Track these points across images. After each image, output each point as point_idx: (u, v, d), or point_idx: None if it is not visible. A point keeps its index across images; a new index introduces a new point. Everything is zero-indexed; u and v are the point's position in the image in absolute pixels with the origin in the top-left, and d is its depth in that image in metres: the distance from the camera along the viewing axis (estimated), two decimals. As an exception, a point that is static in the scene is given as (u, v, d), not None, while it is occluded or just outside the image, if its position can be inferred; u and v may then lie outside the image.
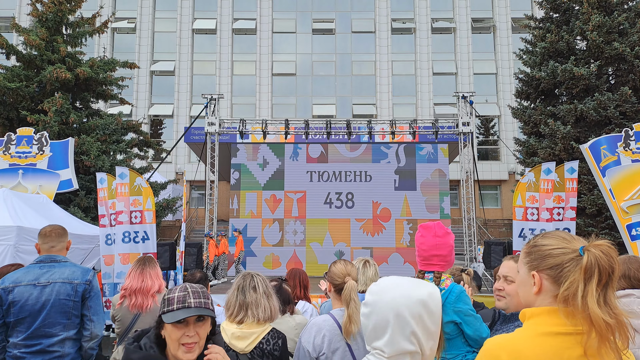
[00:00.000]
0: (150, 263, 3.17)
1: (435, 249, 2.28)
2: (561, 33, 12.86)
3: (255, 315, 2.09)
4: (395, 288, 1.27)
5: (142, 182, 5.33)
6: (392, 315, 1.21)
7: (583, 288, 1.06)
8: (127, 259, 5.19)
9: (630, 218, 6.54)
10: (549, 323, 1.09)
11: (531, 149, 13.19)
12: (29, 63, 11.92)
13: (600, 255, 1.08)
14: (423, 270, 2.33)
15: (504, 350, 1.08)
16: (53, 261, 2.71)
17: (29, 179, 7.16)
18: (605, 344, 1.02)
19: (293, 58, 24.85)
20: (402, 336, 1.20)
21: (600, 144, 7.11)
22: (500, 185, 23.42)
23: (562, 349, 1.05)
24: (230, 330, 2.08)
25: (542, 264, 1.15)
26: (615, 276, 1.08)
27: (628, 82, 12.07)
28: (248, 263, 11.80)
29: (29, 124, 10.68)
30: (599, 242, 1.11)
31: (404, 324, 1.20)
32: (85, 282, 2.66)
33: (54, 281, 2.61)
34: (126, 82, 13.57)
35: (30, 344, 2.53)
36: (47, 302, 2.57)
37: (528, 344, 1.08)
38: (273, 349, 2.07)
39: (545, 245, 1.17)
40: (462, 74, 24.17)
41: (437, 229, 2.31)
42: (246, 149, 12.49)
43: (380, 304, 1.24)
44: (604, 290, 1.06)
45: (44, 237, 2.79)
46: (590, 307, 1.04)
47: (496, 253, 8.22)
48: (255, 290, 2.14)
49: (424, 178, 12.32)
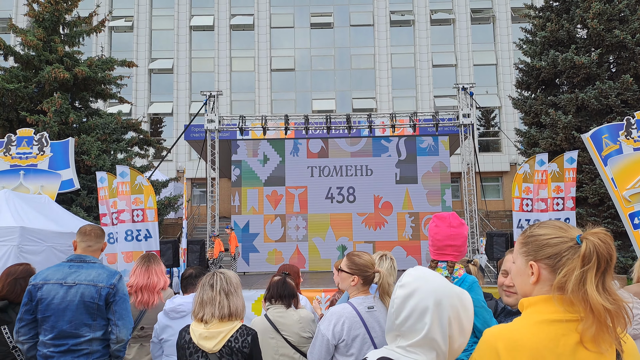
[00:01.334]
0: (155, 260, 3.19)
1: (450, 239, 2.29)
2: (561, 22, 12.76)
3: (211, 312, 2.10)
4: (436, 277, 1.26)
5: (142, 181, 5.33)
6: (433, 301, 1.19)
7: (581, 275, 1.06)
8: (130, 257, 5.21)
9: (633, 207, 6.51)
10: (545, 311, 1.10)
11: (532, 139, 13.14)
12: (27, 64, 11.90)
13: (599, 242, 1.08)
14: (436, 260, 2.33)
15: (501, 340, 1.09)
16: (82, 261, 2.72)
17: (31, 180, 7.16)
18: (603, 329, 1.03)
19: (292, 53, 24.75)
20: (439, 326, 1.18)
21: (601, 132, 7.07)
22: (502, 176, 23.37)
23: (558, 336, 1.06)
24: (197, 330, 2.10)
25: (540, 253, 1.16)
26: (612, 263, 1.08)
27: (629, 70, 11.99)
28: (251, 259, 11.83)
29: (29, 124, 10.69)
30: (596, 230, 1.12)
31: (443, 313, 1.19)
32: (110, 286, 2.66)
33: (80, 282, 2.62)
34: (125, 80, 13.54)
35: (57, 344, 2.56)
36: (71, 303, 2.58)
37: (524, 332, 1.09)
38: (242, 347, 2.08)
39: (542, 235, 1.17)
40: (462, 66, 24.04)
41: (452, 219, 2.32)
42: (246, 146, 12.48)
43: (423, 288, 1.21)
44: (602, 277, 1.07)
45: (83, 236, 2.80)
46: (590, 293, 1.04)
47: (498, 244, 8.23)
48: (212, 288, 2.15)
49: (425, 171, 12.30)
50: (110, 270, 2.78)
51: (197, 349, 2.07)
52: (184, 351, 2.12)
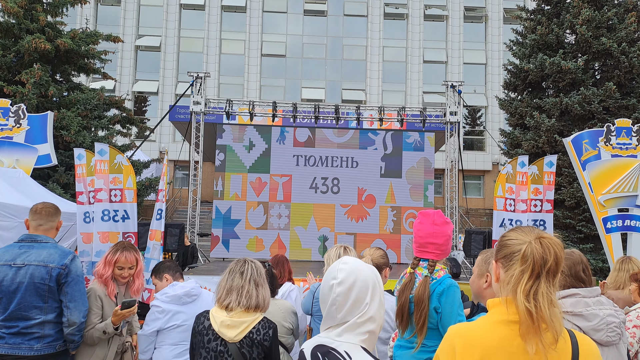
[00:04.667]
0: (130, 248, 3.07)
1: (432, 237, 2.27)
2: (551, 26, 12.90)
3: (238, 301, 2.04)
4: (362, 264, 1.36)
5: (122, 160, 5.20)
6: (370, 289, 1.30)
7: (518, 277, 1.10)
8: (106, 237, 5.10)
9: (607, 211, 6.70)
10: (504, 312, 1.13)
11: (515, 140, 13.35)
12: (7, 32, 11.41)
13: (537, 247, 1.10)
14: (418, 257, 2.33)
15: (459, 337, 1.14)
16: (33, 241, 2.61)
17: (5, 153, 6.91)
18: (530, 330, 1.06)
19: (283, 39, 24.42)
20: (378, 306, 1.30)
21: (582, 138, 7.22)
22: (484, 175, 23.76)
23: (512, 337, 1.09)
24: (220, 318, 2.04)
25: (499, 253, 1.21)
26: (549, 269, 1.10)
27: (613, 78, 12.24)
28: (231, 245, 11.78)
29: (6, 95, 10.29)
30: (546, 235, 1.14)
31: (377, 294, 1.31)
32: (61, 267, 2.54)
33: (29, 263, 2.51)
34: (109, 56, 13.13)
35: (8, 326, 2.47)
36: (21, 285, 2.48)
37: (480, 331, 1.12)
38: (263, 339, 2.04)
39: (506, 236, 1.22)
40: (452, 63, 24.16)
41: (436, 217, 2.31)
42: (232, 130, 12.32)
43: (359, 280, 1.30)
44: (536, 281, 1.09)
45: (34, 214, 2.69)
46: (518, 296, 1.08)
47: (476, 242, 8.39)
48: (242, 276, 2.10)
49: (409, 166, 12.38)
50: (64, 250, 2.67)
51: (217, 337, 2.01)
52: (201, 337, 2.05)
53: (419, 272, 2.28)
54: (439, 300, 2.22)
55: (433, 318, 2.21)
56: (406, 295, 2.24)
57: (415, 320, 2.19)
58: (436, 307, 2.22)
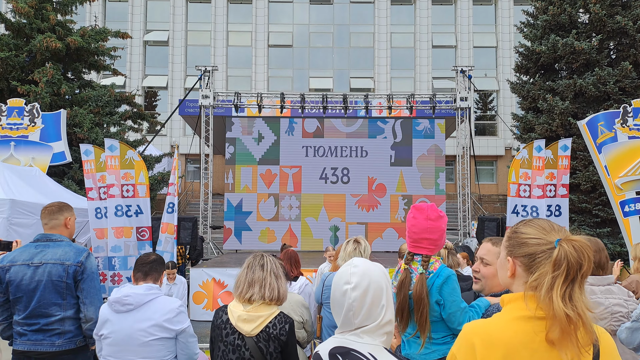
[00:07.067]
0: None
1: (426, 232, 2.24)
2: (564, 5, 12.53)
3: (261, 293, 2.07)
4: (373, 265, 1.36)
5: (133, 155, 5.26)
6: (385, 291, 1.31)
7: (552, 281, 1.07)
8: (120, 232, 5.19)
9: (624, 195, 6.58)
10: (523, 308, 1.11)
11: (528, 124, 13.11)
12: (18, 32, 11.57)
13: (571, 251, 1.08)
14: (412, 252, 2.30)
15: (478, 335, 1.11)
16: (49, 240, 2.69)
17: (21, 151, 7.07)
18: (565, 335, 1.04)
19: (290, 29, 24.24)
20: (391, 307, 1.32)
21: (597, 120, 7.06)
22: (497, 160, 23.44)
23: (533, 333, 1.07)
24: (237, 312, 2.06)
25: (518, 251, 1.18)
26: (584, 273, 1.08)
27: (629, 57, 11.88)
28: (243, 237, 11.90)
29: (20, 94, 10.47)
30: (575, 237, 1.12)
31: (389, 294, 1.32)
32: (77, 264, 2.62)
33: (46, 262, 2.60)
34: (119, 52, 13.24)
35: (29, 323, 2.57)
36: (40, 283, 2.57)
37: (501, 328, 1.10)
38: (280, 334, 2.06)
39: (524, 233, 1.19)
40: (462, 47, 23.71)
41: (430, 211, 2.25)
42: (241, 123, 12.35)
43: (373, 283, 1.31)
44: (570, 285, 1.07)
45: (41, 215, 2.78)
46: (554, 300, 1.05)
47: (489, 229, 8.32)
48: (263, 269, 2.13)
49: (420, 154, 12.27)
50: (78, 247, 2.74)
51: (234, 331, 2.04)
52: (220, 331, 2.09)
53: (414, 267, 2.26)
54: (440, 293, 2.21)
55: (435, 311, 2.20)
56: (405, 293, 2.22)
57: (416, 318, 2.19)
58: (438, 300, 2.21)
